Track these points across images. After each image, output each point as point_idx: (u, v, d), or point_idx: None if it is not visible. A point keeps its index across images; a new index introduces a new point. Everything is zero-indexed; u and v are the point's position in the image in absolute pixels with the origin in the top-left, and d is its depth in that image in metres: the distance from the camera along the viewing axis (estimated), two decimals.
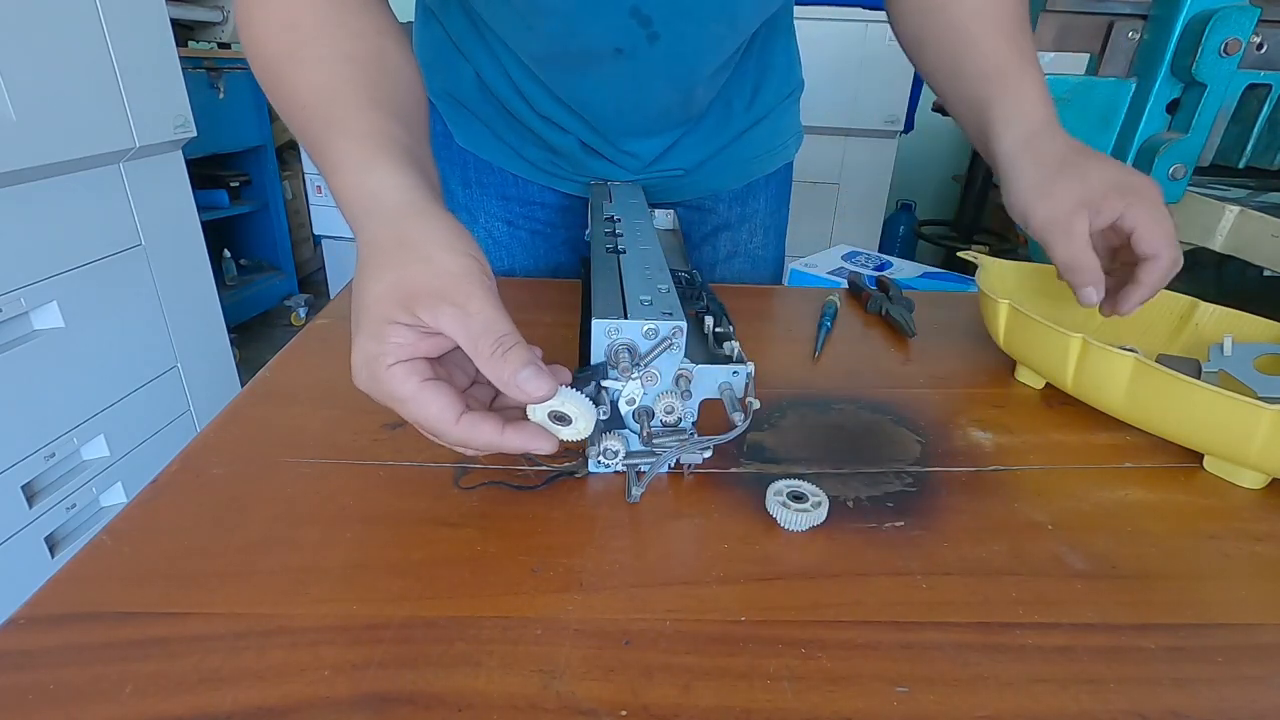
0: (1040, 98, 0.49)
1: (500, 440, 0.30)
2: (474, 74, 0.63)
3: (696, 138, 0.66)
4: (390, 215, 0.33)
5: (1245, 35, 0.79)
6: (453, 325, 0.29)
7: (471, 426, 0.30)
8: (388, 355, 0.29)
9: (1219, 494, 0.39)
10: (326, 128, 0.36)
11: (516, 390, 0.29)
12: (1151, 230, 0.43)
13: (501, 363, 0.29)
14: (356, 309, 0.31)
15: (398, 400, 0.30)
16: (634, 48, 0.53)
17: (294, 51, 0.38)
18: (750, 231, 0.77)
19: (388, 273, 0.30)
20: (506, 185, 0.71)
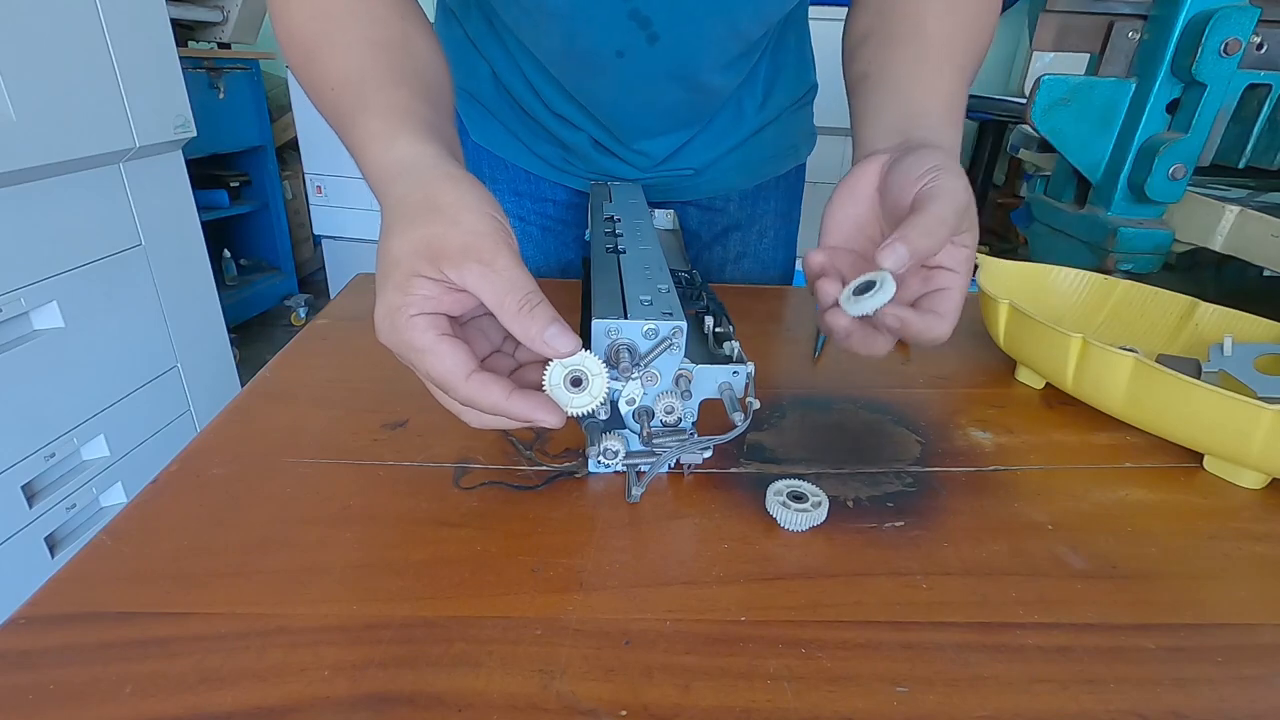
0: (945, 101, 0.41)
1: (506, 403, 0.30)
2: (490, 72, 0.64)
3: (708, 138, 0.66)
4: (418, 178, 0.33)
5: (1245, 35, 0.79)
6: (479, 282, 0.30)
7: (481, 385, 0.30)
8: (411, 306, 0.30)
9: (1219, 494, 0.39)
10: (354, 107, 0.37)
11: (543, 345, 0.30)
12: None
13: (529, 319, 0.30)
14: (383, 264, 0.31)
15: (415, 351, 0.30)
16: (634, 49, 0.53)
17: (323, 38, 0.40)
18: (760, 233, 0.77)
19: (416, 230, 0.31)
20: (519, 181, 0.71)
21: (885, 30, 0.46)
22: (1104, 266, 0.92)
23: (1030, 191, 1.11)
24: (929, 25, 0.44)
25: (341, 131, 0.39)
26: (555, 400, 0.31)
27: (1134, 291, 0.56)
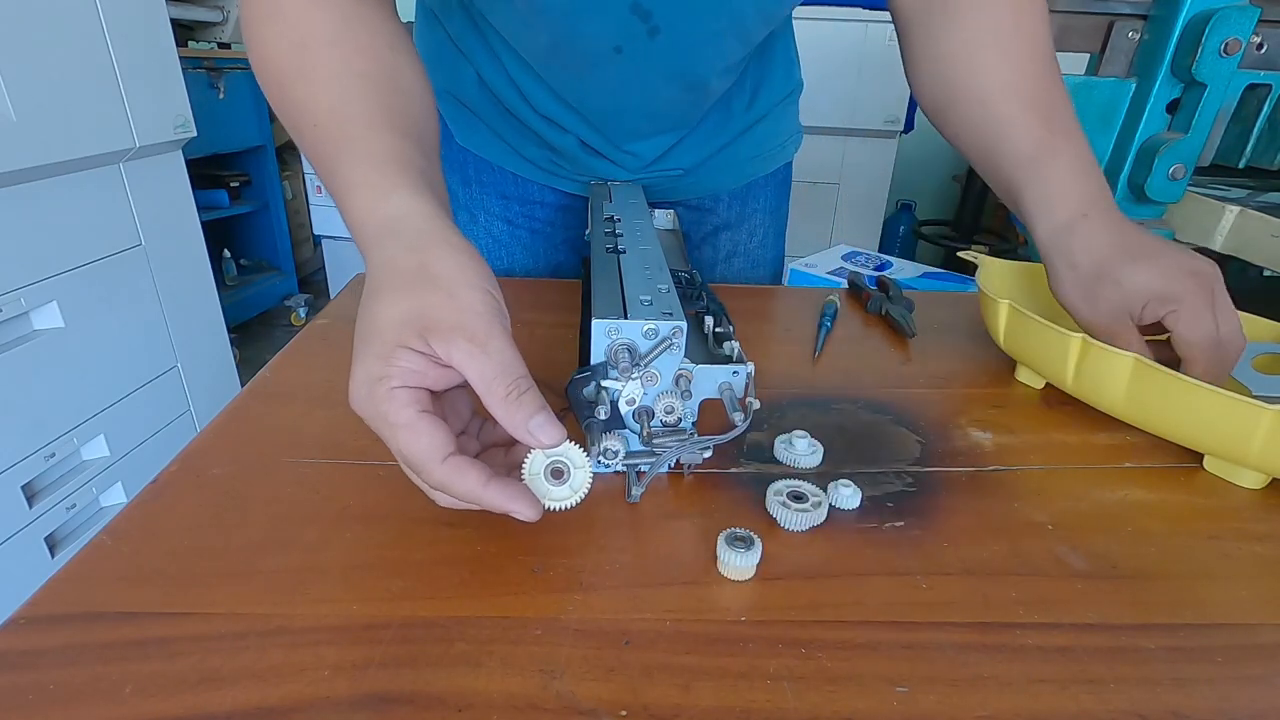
0: (1072, 180, 0.46)
1: (481, 492, 0.29)
2: (474, 74, 0.63)
3: (696, 138, 0.66)
4: (411, 241, 0.32)
5: (1245, 35, 0.79)
6: (467, 361, 0.29)
7: (456, 470, 0.28)
8: (393, 378, 0.28)
9: (1219, 494, 0.39)
10: (339, 148, 0.35)
11: (527, 435, 0.29)
12: (1188, 331, 0.41)
13: (516, 405, 0.29)
14: (365, 329, 0.30)
15: (391, 426, 0.28)
16: (634, 45, 0.53)
17: (304, 68, 0.38)
18: (750, 231, 0.77)
19: (405, 299, 0.30)
20: (506, 184, 0.71)
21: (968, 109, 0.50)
22: None
23: None
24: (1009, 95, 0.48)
25: (322, 171, 0.37)
26: (533, 491, 0.30)
27: None
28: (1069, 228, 0.44)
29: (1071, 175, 0.45)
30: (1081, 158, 0.46)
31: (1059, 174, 0.45)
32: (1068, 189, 0.45)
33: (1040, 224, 0.46)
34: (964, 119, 0.50)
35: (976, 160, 0.52)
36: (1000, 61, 0.48)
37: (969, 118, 0.50)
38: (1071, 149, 0.46)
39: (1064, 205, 0.45)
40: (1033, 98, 0.47)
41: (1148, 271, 0.42)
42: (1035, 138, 0.46)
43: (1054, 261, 0.46)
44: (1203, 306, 0.40)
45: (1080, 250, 0.44)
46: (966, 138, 0.51)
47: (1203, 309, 0.40)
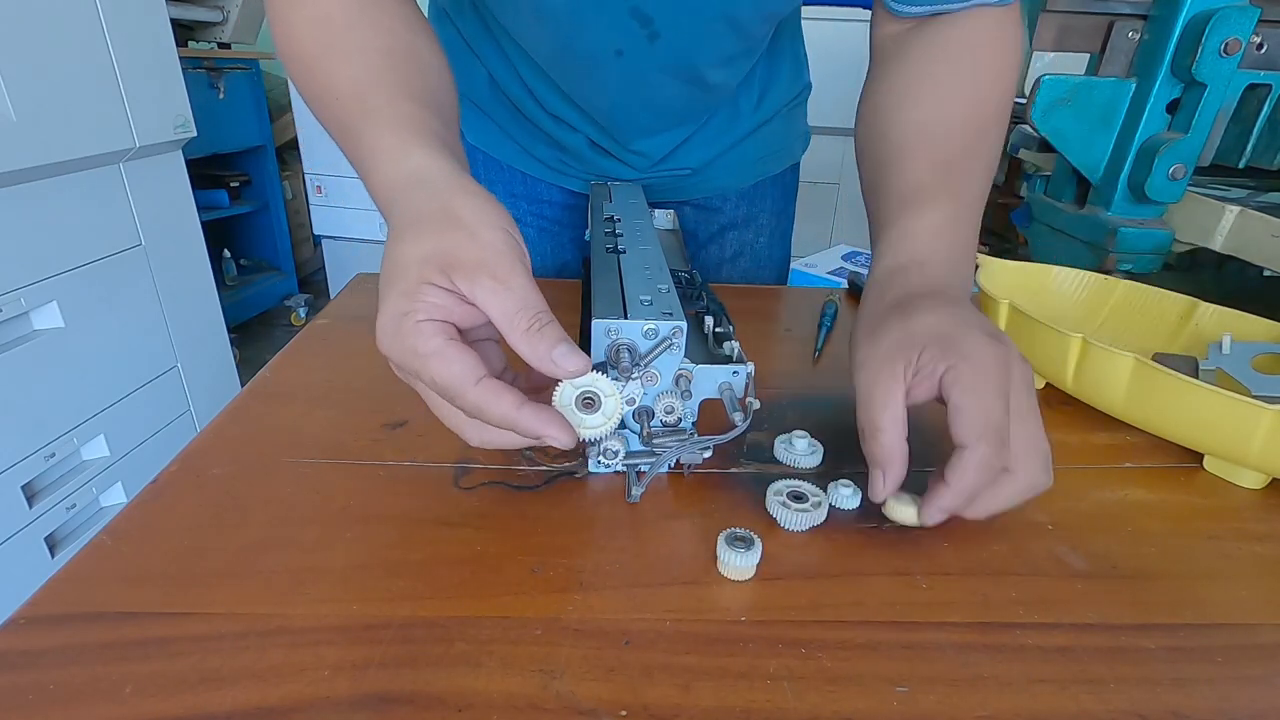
0: (928, 230, 0.39)
1: (516, 414, 0.29)
2: (486, 74, 0.64)
3: (704, 137, 0.67)
4: (434, 190, 0.32)
5: (1245, 35, 0.79)
6: (490, 297, 0.29)
7: (491, 391, 0.29)
8: (419, 312, 0.29)
9: (1219, 494, 0.39)
10: (363, 117, 0.36)
11: (550, 364, 0.29)
12: (964, 406, 0.31)
13: (538, 337, 0.29)
14: (390, 271, 0.30)
15: (420, 356, 0.28)
16: (635, 48, 0.53)
17: (327, 46, 0.39)
18: (756, 231, 0.77)
19: (429, 239, 0.30)
20: (515, 183, 0.71)
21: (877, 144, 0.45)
22: (1104, 266, 0.91)
23: (1030, 191, 1.11)
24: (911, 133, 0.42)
25: (345, 142, 0.38)
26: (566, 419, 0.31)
27: (1134, 291, 0.56)
28: (903, 269, 0.38)
29: (934, 231, 0.39)
30: (961, 221, 0.40)
31: (924, 223, 0.39)
32: (926, 235, 0.39)
33: (882, 261, 0.39)
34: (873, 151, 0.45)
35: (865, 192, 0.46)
36: (930, 106, 0.43)
37: (876, 150, 0.45)
38: (950, 209, 0.40)
39: (913, 246, 0.39)
40: (941, 147, 0.42)
41: (944, 318, 0.33)
42: (920, 182, 0.41)
43: (867, 297, 0.39)
44: (992, 379, 0.31)
45: (897, 286, 0.37)
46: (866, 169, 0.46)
47: (991, 381, 0.31)
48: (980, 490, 0.31)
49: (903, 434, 0.32)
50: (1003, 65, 0.44)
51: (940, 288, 0.36)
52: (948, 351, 0.32)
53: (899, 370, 0.32)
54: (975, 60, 0.44)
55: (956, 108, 0.43)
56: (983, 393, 0.31)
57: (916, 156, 0.42)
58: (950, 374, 0.31)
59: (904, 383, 0.32)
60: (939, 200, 0.40)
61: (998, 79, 0.44)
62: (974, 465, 0.31)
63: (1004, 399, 0.31)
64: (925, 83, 0.44)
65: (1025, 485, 0.32)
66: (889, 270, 0.38)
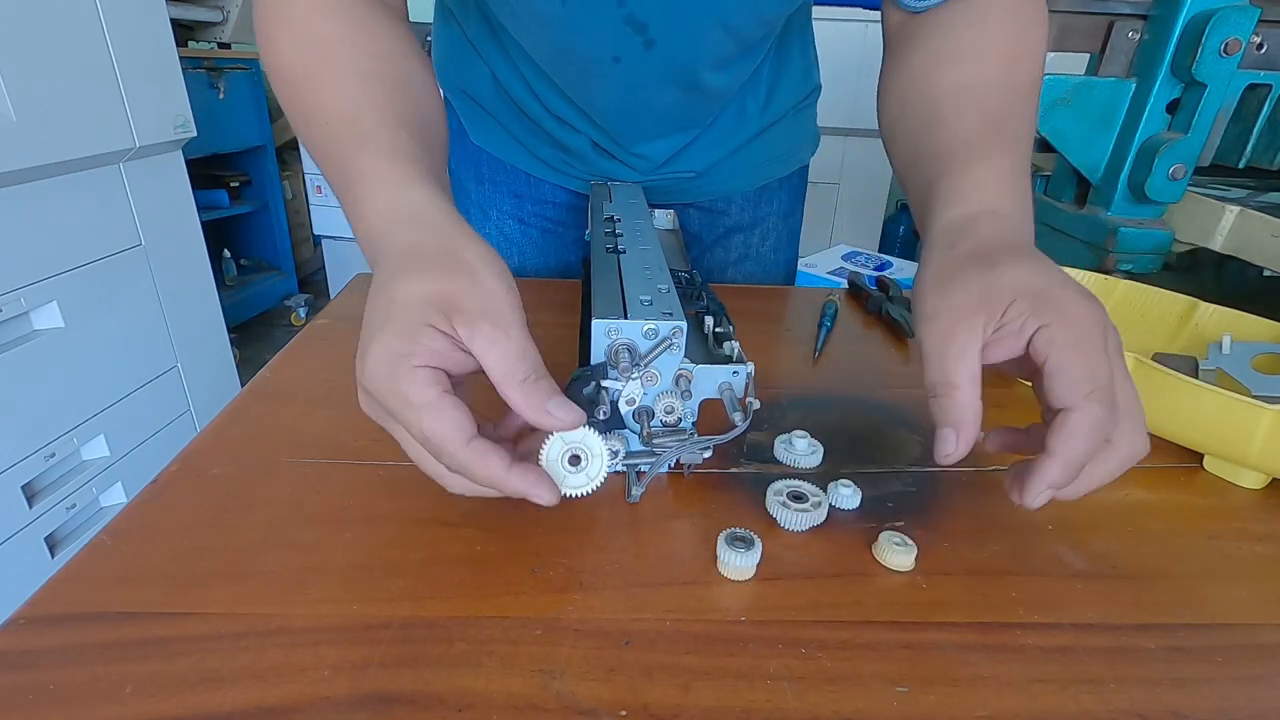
0: (994, 179, 0.36)
1: (504, 476, 0.28)
2: (490, 74, 0.64)
3: (709, 140, 0.66)
4: (437, 228, 0.32)
5: (1245, 35, 0.79)
6: (489, 346, 0.29)
7: (480, 453, 0.28)
8: (416, 356, 0.28)
9: (1219, 494, 0.39)
10: (355, 141, 0.35)
11: (545, 416, 0.29)
12: (1067, 366, 0.28)
13: (534, 389, 0.29)
14: (385, 306, 0.29)
15: (413, 406, 0.27)
16: (631, 55, 0.53)
17: (317, 67, 0.38)
18: (763, 235, 0.76)
19: (431, 280, 0.29)
20: (519, 183, 0.71)
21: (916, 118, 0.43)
22: (1104, 266, 0.92)
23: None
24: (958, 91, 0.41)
25: (333, 166, 0.36)
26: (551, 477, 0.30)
27: (1134, 291, 0.56)
28: (974, 219, 0.34)
29: (994, 175, 0.36)
30: (1018, 171, 0.37)
31: (989, 173, 0.36)
32: (987, 184, 0.36)
33: (940, 216, 0.36)
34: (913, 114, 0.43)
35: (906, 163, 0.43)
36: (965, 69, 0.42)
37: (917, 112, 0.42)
38: (1010, 161, 0.37)
39: (976, 197, 0.35)
40: (985, 104, 0.40)
41: (1032, 272, 0.31)
42: (973, 136, 0.38)
43: (934, 249, 0.35)
44: (1096, 338, 0.29)
45: (971, 236, 0.34)
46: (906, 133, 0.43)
47: (1095, 341, 0.29)
48: (1087, 460, 0.29)
49: (979, 392, 0.30)
50: (1033, 38, 0.43)
51: (1020, 240, 0.34)
52: (1042, 308, 0.29)
53: (978, 324, 0.30)
54: (1007, 29, 0.43)
55: (995, 69, 0.41)
56: (1087, 351, 0.28)
57: (967, 114, 0.39)
58: (1045, 332, 0.29)
59: (982, 338, 0.30)
60: (999, 152, 0.37)
61: (1030, 49, 0.43)
62: (1085, 429, 0.28)
63: (1107, 359, 0.29)
64: (958, 48, 0.42)
65: (1129, 454, 0.29)
66: (959, 220, 0.35)
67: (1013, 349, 0.30)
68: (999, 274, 0.31)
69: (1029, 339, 0.29)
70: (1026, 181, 0.37)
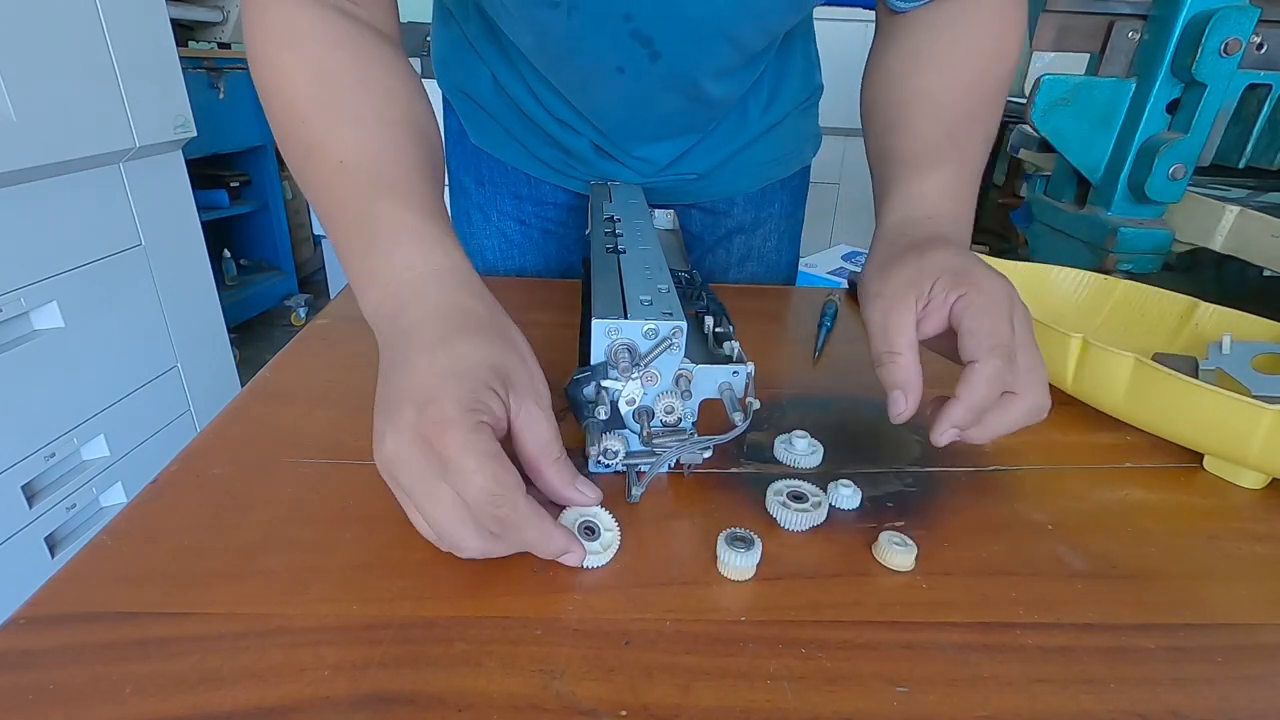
0: (938, 189, 0.41)
1: (553, 531, 0.30)
2: (490, 75, 0.64)
3: (712, 142, 0.66)
4: (483, 297, 0.34)
5: (1245, 35, 0.79)
6: (532, 424, 0.31)
7: (534, 508, 0.29)
8: (485, 413, 0.29)
9: (1219, 494, 0.39)
10: (375, 188, 0.35)
11: (575, 494, 0.32)
12: (974, 327, 0.33)
13: (566, 468, 0.32)
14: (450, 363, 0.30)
15: (481, 456, 0.27)
16: (636, 67, 0.53)
17: (327, 102, 0.37)
18: (765, 236, 0.76)
19: (492, 349, 0.31)
20: (519, 185, 0.71)
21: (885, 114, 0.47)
22: (1104, 266, 0.92)
23: (1030, 191, 1.11)
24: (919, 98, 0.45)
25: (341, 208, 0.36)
26: None
27: (1134, 291, 0.56)
28: (913, 221, 0.40)
29: (943, 188, 0.42)
30: (964, 181, 0.42)
31: (932, 183, 0.42)
32: (936, 193, 0.41)
33: (889, 215, 0.42)
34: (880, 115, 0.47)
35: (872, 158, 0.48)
36: (933, 75, 0.45)
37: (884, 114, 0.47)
38: (956, 169, 0.42)
39: (923, 203, 0.41)
40: (947, 112, 0.44)
41: (953, 256, 0.36)
42: (928, 145, 0.43)
43: (878, 244, 0.41)
44: (1001, 304, 0.34)
45: (909, 234, 0.39)
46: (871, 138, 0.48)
47: (1000, 306, 0.34)
48: (988, 406, 0.33)
49: (918, 357, 0.35)
50: (1006, 44, 0.46)
51: (950, 237, 0.39)
52: (959, 282, 0.34)
53: (911, 301, 0.35)
54: (980, 34, 0.46)
55: (961, 77, 0.45)
56: (993, 315, 0.33)
57: (924, 120, 0.44)
58: (961, 301, 0.34)
59: (916, 313, 0.35)
60: (946, 162, 0.42)
61: (1000, 54, 0.46)
62: (985, 378, 0.32)
63: (1010, 323, 0.33)
64: (931, 51, 0.46)
65: (1030, 406, 0.34)
66: (900, 222, 0.41)
67: (939, 324, 0.35)
68: (928, 259, 0.36)
69: (950, 309, 0.35)
70: (970, 188, 0.43)
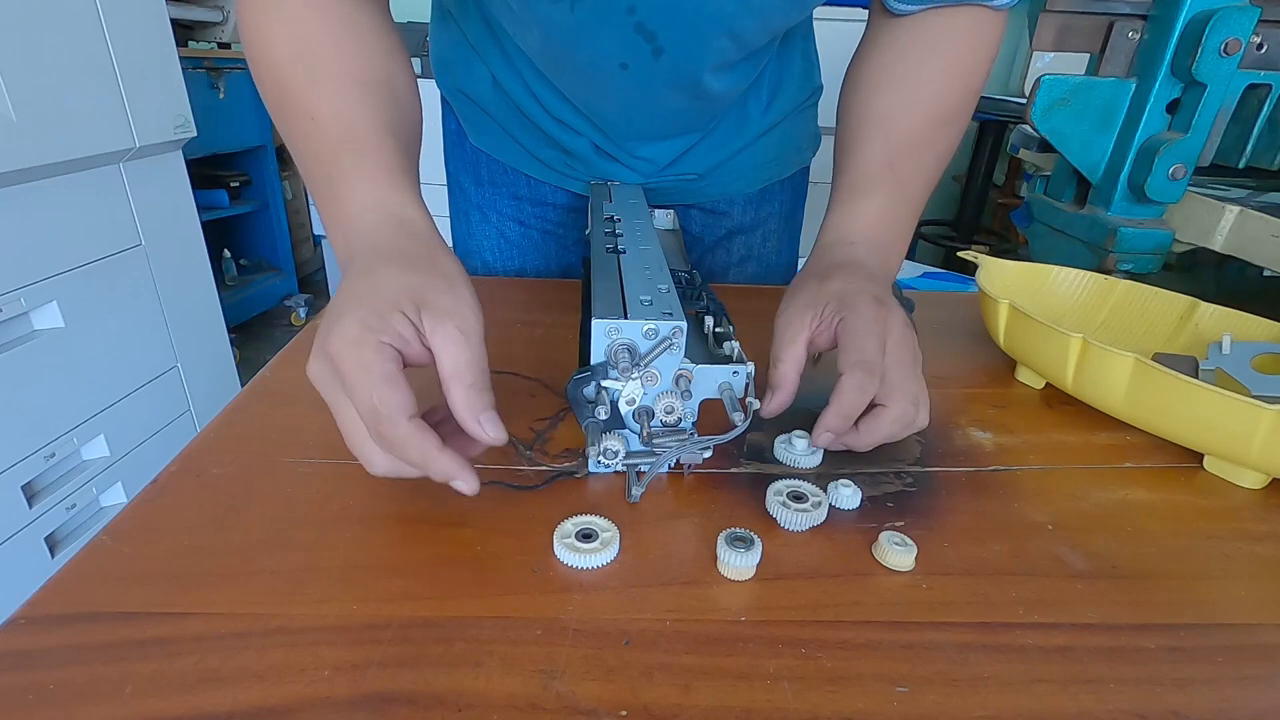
0: (874, 218, 0.46)
1: (436, 455, 0.30)
2: (489, 75, 0.64)
3: (711, 142, 0.66)
4: (423, 240, 0.35)
5: (1245, 35, 0.79)
6: (447, 344, 0.31)
7: (419, 430, 0.30)
8: (385, 333, 0.30)
9: (1219, 494, 0.39)
10: (343, 142, 0.38)
11: (476, 426, 0.31)
12: (847, 344, 0.38)
13: (477, 395, 0.31)
14: (363, 289, 0.31)
15: (371, 374, 0.29)
16: (639, 63, 0.53)
17: (306, 67, 0.39)
18: (764, 236, 0.76)
19: (411, 275, 0.32)
20: (519, 185, 0.71)
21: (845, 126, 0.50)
22: (1104, 266, 0.92)
23: (1030, 191, 1.11)
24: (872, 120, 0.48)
25: (316, 160, 0.38)
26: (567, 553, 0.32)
27: (1134, 291, 0.56)
28: (834, 245, 0.45)
29: (874, 216, 0.46)
30: (898, 207, 0.47)
31: (866, 208, 0.46)
32: (863, 223, 0.46)
33: (824, 235, 0.47)
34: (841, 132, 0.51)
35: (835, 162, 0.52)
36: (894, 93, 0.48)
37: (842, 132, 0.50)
38: (891, 197, 0.46)
39: (850, 230, 0.46)
40: (895, 137, 0.47)
41: (848, 284, 0.40)
42: (869, 172, 0.47)
43: (808, 261, 0.46)
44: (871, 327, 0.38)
45: (826, 258, 0.44)
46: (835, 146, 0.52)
47: (870, 328, 0.37)
48: (855, 414, 0.37)
49: (798, 369, 0.40)
50: (974, 62, 0.48)
51: (859, 263, 0.43)
52: (842, 307, 0.39)
53: (807, 319, 0.40)
54: (949, 52, 0.48)
55: (920, 97, 0.48)
56: (861, 334, 0.37)
57: (871, 147, 0.48)
58: (842, 323, 0.39)
59: (809, 330, 0.40)
60: (881, 190, 0.46)
61: (966, 74, 0.48)
62: (848, 387, 0.36)
63: (879, 343, 0.37)
64: (896, 69, 0.48)
65: (896, 416, 0.37)
66: (825, 244, 0.46)
67: (829, 341, 0.40)
68: (826, 285, 0.41)
69: (834, 329, 0.39)
70: (906, 212, 0.47)
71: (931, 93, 0.47)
